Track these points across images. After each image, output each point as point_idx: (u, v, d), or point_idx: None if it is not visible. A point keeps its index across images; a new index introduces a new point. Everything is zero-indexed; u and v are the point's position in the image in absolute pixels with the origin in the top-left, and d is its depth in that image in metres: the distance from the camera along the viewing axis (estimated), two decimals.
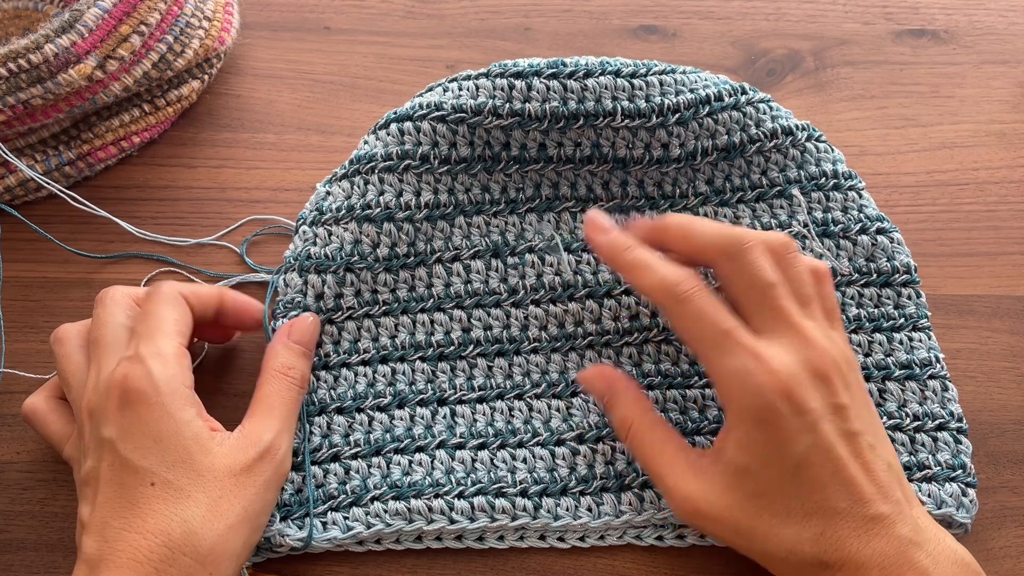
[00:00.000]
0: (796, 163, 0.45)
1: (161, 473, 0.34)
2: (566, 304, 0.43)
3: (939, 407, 0.41)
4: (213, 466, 0.34)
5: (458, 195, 0.43)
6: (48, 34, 0.43)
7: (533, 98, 0.42)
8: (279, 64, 0.54)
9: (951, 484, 0.39)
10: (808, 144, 0.45)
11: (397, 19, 0.57)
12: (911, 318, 0.43)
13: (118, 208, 0.48)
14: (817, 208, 0.45)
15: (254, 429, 0.36)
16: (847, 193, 0.45)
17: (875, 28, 0.57)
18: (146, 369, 0.35)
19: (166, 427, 0.34)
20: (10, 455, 0.41)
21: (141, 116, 0.49)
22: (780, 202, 0.45)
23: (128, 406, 0.34)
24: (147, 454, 0.34)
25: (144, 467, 0.33)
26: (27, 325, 0.44)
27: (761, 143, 0.44)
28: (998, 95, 0.54)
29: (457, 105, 0.42)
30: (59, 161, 0.47)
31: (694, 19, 0.57)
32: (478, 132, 0.42)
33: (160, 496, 0.33)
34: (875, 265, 0.44)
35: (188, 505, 0.33)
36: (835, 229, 0.44)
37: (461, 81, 0.43)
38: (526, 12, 0.57)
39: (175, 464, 0.34)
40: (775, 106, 0.45)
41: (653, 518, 0.39)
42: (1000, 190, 0.50)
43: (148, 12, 0.46)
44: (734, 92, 0.44)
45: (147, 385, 0.34)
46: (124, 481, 0.33)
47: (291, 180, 0.49)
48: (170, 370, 0.35)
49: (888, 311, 0.43)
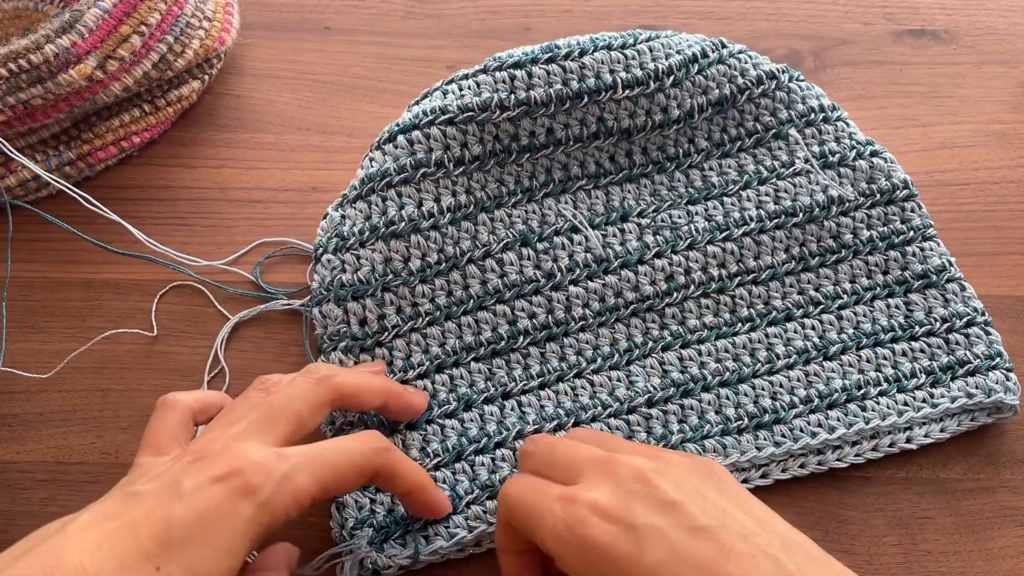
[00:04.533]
0: (784, 104, 0.46)
1: (173, 570, 0.28)
2: (603, 278, 0.43)
3: (962, 306, 0.43)
4: None
5: (476, 193, 0.43)
6: (48, 34, 0.43)
7: (536, 84, 0.42)
8: (279, 64, 0.54)
9: (994, 372, 0.42)
10: (792, 84, 0.47)
11: (397, 19, 0.57)
12: (919, 229, 0.45)
13: (118, 208, 0.47)
14: (812, 143, 0.46)
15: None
16: (836, 124, 0.47)
17: (875, 28, 0.57)
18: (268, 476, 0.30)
19: (221, 540, 0.28)
20: (10, 455, 0.41)
21: (141, 116, 0.49)
22: (778, 144, 0.46)
23: (229, 491, 0.29)
24: (184, 545, 0.28)
25: (164, 544, 0.28)
26: (27, 325, 0.44)
27: (750, 91, 0.46)
28: (998, 95, 0.54)
29: (463, 105, 0.42)
30: (59, 161, 0.47)
31: (694, 19, 0.57)
32: (487, 128, 0.42)
33: None
34: (876, 186, 0.45)
35: None
36: (833, 159, 0.46)
37: (460, 81, 0.43)
38: (526, 12, 0.57)
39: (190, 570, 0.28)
40: (753, 55, 0.46)
41: (738, 463, 0.40)
42: (1000, 190, 0.50)
43: (148, 12, 0.46)
44: (716, 47, 0.45)
45: (256, 493, 0.29)
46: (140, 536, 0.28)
47: (291, 180, 0.49)
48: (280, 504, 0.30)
49: (896, 227, 0.45)
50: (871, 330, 0.43)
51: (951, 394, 0.41)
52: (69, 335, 0.44)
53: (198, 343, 0.44)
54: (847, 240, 0.44)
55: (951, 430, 0.41)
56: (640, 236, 0.44)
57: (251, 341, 0.44)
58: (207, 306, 0.45)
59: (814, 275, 0.44)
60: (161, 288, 0.45)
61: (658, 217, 0.44)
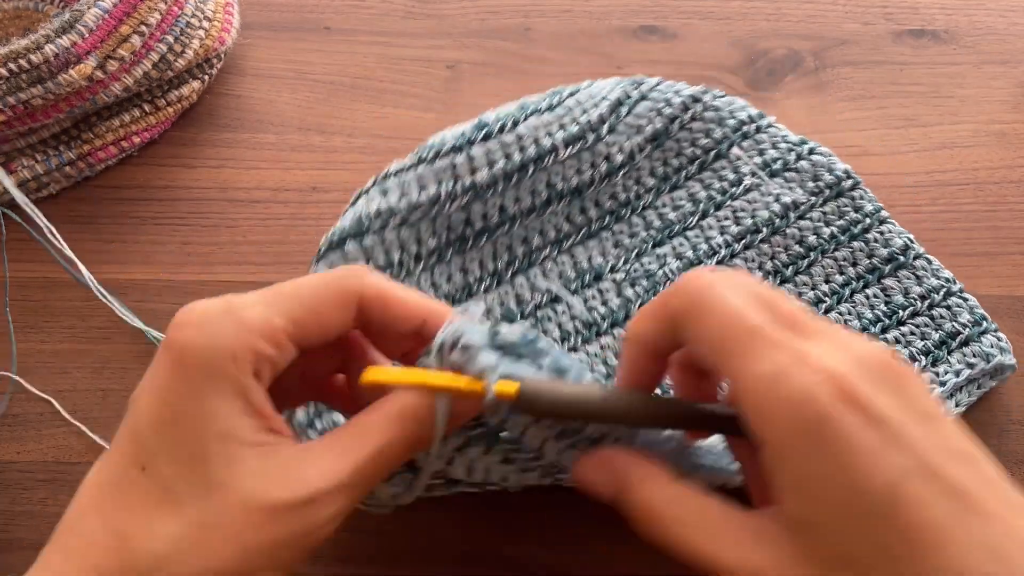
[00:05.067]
0: (716, 122, 0.46)
1: (159, 461, 0.25)
2: (598, 340, 0.42)
3: (935, 279, 0.43)
4: (229, 483, 0.24)
5: (443, 288, 0.42)
6: (48, 34, 0.43)
7: (478, 167, 0.40)
8: (279, 64, 0.54)
9: (986, 337, 0.42)
10: (716, 102, 0.46)
11: (397, 19, 0.56)
12: (872, 214, 0.45)
13: (119, 208, 0.48)
14: (753, 154, 0.46)
15: (315, 462, 0.26)
16: (768, 131, 0.46)
17: (875, 28, 0.57)
18: (202, 319, 0.26)
19: (188, 408, 0.25)
20: (10, 455, 0.41)
21: (141, 116, 0.49)
22: (721, 163, 0.46)
23: (166, 359, 0.26)
24: (157, 428, 0.25)
25: (146, 442, 0.25)
26: (27, 325, 0.44)
27: (679, 118, 0.45)
28: (998, 95, 0.54)
29: (412, 203, 0.39)
30: (59, 161, 0.47)
31: (694, 19, 0.57)
32: (439, 221, 0.41)
33: (144, 488, 0.25)
34: (822, 182, 0.45)
35: (168, 518, 0.24)
36: (777, 166, 0.45)
37: (398, 176, 0.40)
38: (526, 12, 0.57)
39: (181, 458, 0.25)
40: (671, 83, 0.46)
41: None
42: (1000, 190, 0.50)
43: (148, 12, 0.46)
44: (635, 85, 0.45)
45: (189, 342, 0.25)
46: (122, 447, 0.26)
47: (291, 180, 0.49)
48: (232, 340, 0.25)
49: (852, 217, 0.45)
50: (860, 326, 0.43)
51: (954, 368, 0.41)
52: (69, 335, 0.44)
53: None
54: (812, 242, 0.44)
55: (965, 403, 0.41)
56: (619, 292, 0.43)
57: None
58: None
59: (792, 285, 0.44)
60: (160, 288, 0.45)
61: (630, 268, 0.44)
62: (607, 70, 0.54)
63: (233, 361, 0.25)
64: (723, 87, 0.54)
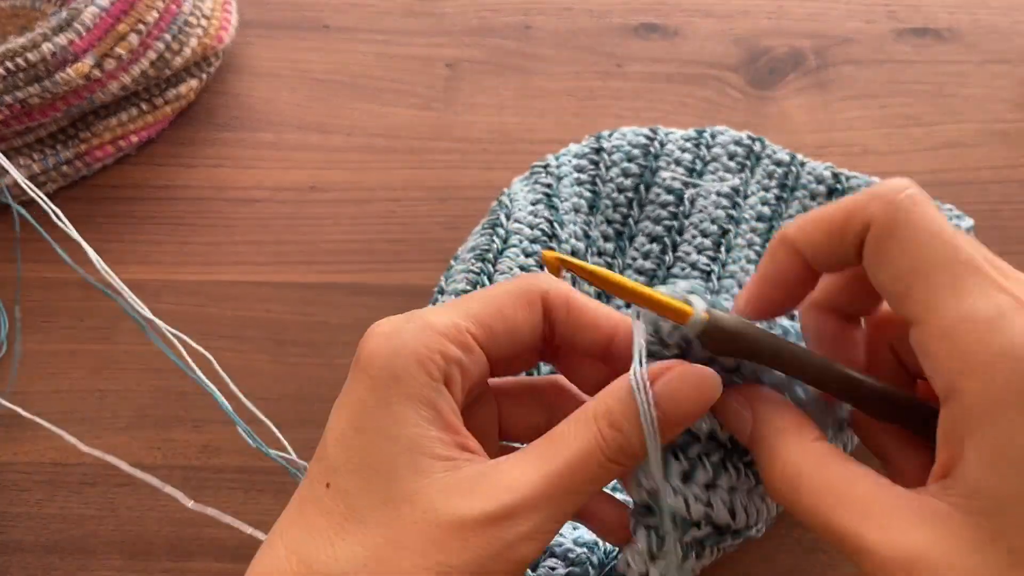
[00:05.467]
0: (627, 158, 0.45)
1: (343, 476, 0.23)
2: None
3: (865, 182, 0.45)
4: (417, 498, 0.23)
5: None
6: (46, 33, 0.42)
7: None
8: (278, 63, 0.54)
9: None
10: (616, 142, 0.45)
11: (397, 17, 0.56)
12: (791, 160, 0.46)
13: (116, 208, 0.47)
14: (673, 164, 0.45)
15: (508, 472, 0.23)
16: (669, 141, 0.46)
17: (877, 27, 0.56)
18: (388, 329, 0.25)
19: (373, 417, 0.24)
20: (7, 456, 0.41)
21: (139, 115, 0.49)
22: (655, 191, 0.45)
23: (354, 373, 0.25)
24: (342, 441, 0.24)
25: (331, 456, 0.24)
26: (26, 325, 0.44)
27: (599, 175, 0.45)
28: (1001, 94, 0.53)
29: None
30: (56, 160, 0.47)
31: (696, 17, 0.57)
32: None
33: (327, 507, 0.23)
34: (739, 157, 0.46)
35: (352, 538, 0.23)
36: (698, 166, 0.45)
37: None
38: (526, 10, 0.57)
39: (365, 471, 0.23)
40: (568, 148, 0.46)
41: None
42: (1003, 189, 0.49)
43: (146, 10, 0.45)
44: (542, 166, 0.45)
45: (375, 351, 0.24)
46: (311, 466, 0.25)
47: (290, 179, 0.49)
48: (418, 343, 0.24)
49: (779, 172, 0.45)
50: None
51: None
52: (68, 335, 0.44)
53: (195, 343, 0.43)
54: (768, 212, 0.45)
55: None
56: None
57: (251, 342, 0.44)
58: (205, 305, 0.45)
59: None
60: (159, 288, 0.45)
61: None
62: (608, 68, 0.54)
63: (419, 364, 0.24)
64: (725, 86, 0.54)
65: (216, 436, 0.41)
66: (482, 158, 0.50)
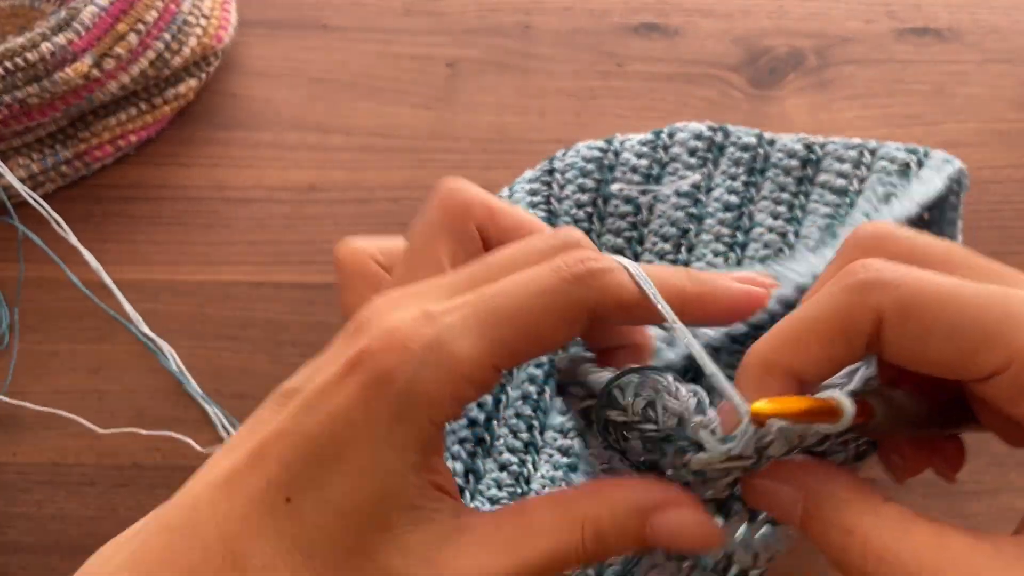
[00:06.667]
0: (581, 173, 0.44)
1: (307, 500, 0.20)
2: None
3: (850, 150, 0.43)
4: (377, 556, 0.20)
5: None
6: (44, 32, 0.42)
7: None
8: (277, 62, 0.54)
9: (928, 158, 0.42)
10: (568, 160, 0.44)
11: (396, 16, 0.56)
12: (758, 143, 0.44)
13: (115, 207, 0.47)
14: (627, 172, 0.44)
15: (474, 554, 0.21)
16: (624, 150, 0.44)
17: (878, 26, 0.56)
18: (405, 347, 0.21)
19: (359, 449, 0.20)
20: (6, 456, 0.41)
21: (138, 115, 0.48)
22: (612, 203, 0.44)
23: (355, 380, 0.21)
24: (318, 458, 0.21)
25: (300, 468, 0.21)
26: (24, 325, 0.44)
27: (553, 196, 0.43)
28: (1003, 94, 0.53)
29: None
30: (55, 160, 0.47)
31: (696, 16, 0.57)
32: None
33: (279, 526, 0.20)
34: (698, 153, 0.44)
35: (301, 571, 0.20)
36: (654, 171, 0.44)
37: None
38: (526, 10, 0.57)
39: (334, 509, 0.20)
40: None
41: None
42: (1004, 189, 0.49)
43: (145, 10, 0.45)
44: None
45: (388, 373, 0.20)
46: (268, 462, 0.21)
47: (289, 179, 0.49)
48: (437, 386, 0.21)
49: (746, 156, 0.44)
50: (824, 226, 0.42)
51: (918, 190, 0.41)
52: (66, 335, 0.44)
53: (194, 344, 0.43)
54: (735, 201, 0.43)
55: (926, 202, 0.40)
56: None
57: (250, 342, 0.44)
58: (203, 305, 0.45)
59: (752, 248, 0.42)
60: (157, 288, 0.45)
61: None
62: (608, 68, 0.54)
63: (429, 408, 0.21)
64: (725, 85, 0.54)
65: (215, 436, 0.41)
66: (482, 158, 0.50)
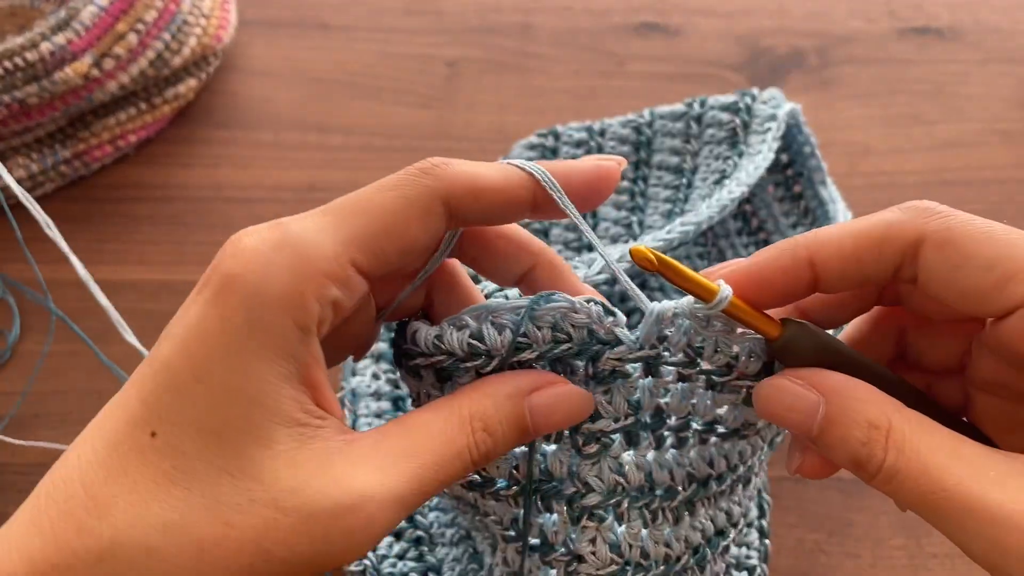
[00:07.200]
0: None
1: (174, 430, 0.19)
2: None
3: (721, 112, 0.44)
4: (261, 473, 0.19)
5: None
6: (44, 32, 0.42)
7: None
8: (277, 62, 0.54)
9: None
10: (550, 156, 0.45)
11: (396, 16, 0.56)
12: (683, 112, 0.44)
13: (114, 207, 0.47)
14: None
15: (363, 465, 0.20)
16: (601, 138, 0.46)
17: (879, 26, 0.56)
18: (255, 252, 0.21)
19: (221, 365, 0.20)
20: (6, 457, 0.41)
21: (137, 114, 0.48)
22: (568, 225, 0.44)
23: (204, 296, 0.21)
24: (179, 388, 0.20)
25: (160, 400, 0.20)
26: (24, 325, 0.44)
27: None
28: (1003, 93, 0.53)
29: None
30: (55, 160, 0.46)
31: (696, 16, 0.57)
32: None
33: (150, 460, 0.19)
34: (627, 146, 0.45)
35: (170, 503, 0.19)
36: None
37: None
38: (526, 9, 0.57)
39: (203, 433, 0.19)
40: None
41: None
42: (1005, 189, 0.49)
43: (145, 9, 0.45)
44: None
45: (235, 279, 0.20)
46: (130, 401, 0.20)
47: (289, 179, 0.49)
48: (289, 284, 0.20)
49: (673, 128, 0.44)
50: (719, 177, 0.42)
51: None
52: (67, 335, 0.43)
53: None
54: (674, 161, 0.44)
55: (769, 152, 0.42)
56: None
57: None
58: None
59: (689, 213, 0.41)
60: (156, 289, 0.45)
61: None
62: (608, 67, 0.54)
63: (287, 310, 0.20)
64: (726, 85, 0.54)
65: None
66: (482, 157, 0.49)
